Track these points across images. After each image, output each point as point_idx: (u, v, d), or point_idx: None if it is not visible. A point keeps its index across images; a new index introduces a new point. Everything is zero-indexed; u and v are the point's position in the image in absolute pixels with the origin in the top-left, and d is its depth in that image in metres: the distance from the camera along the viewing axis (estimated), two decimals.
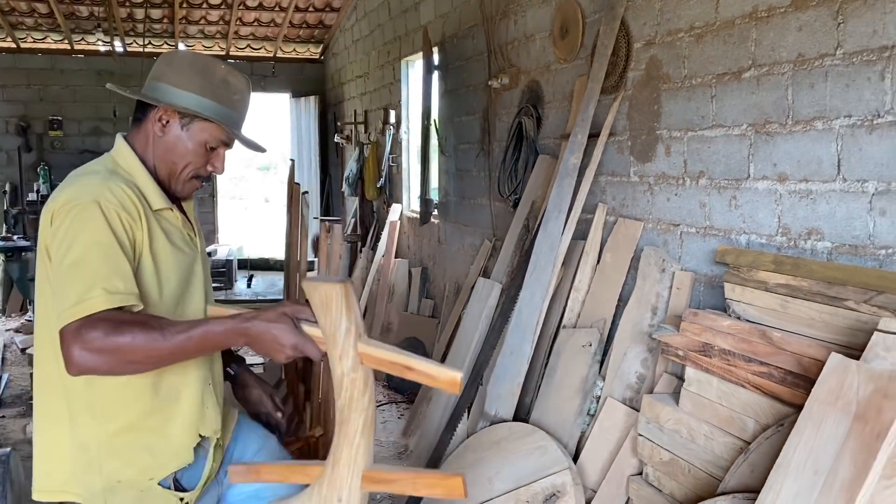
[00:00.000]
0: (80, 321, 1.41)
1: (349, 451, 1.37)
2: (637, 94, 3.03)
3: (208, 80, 1.72)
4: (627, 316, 2.91)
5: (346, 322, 1.31)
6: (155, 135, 1.71)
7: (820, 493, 1.57)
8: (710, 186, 2.65)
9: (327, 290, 1.30)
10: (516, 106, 4.09)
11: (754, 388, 2.10)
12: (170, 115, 1.70)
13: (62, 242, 1.51)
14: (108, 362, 1.43)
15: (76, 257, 1.48)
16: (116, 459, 1.62)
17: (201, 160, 1.75)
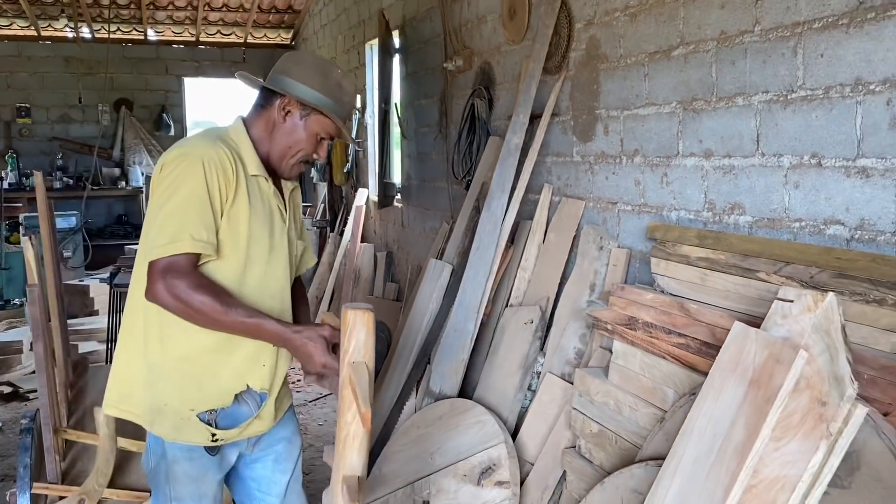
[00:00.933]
0: (168, 259, 1.72)
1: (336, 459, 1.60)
2: (578, 75, 3.06)
3: (327, 80, 1.96)
4: (568, 293, 2.95)
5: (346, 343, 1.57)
6: (276, 121, 1.94)
7: (716, 456, 1.62)
8: (644, 164, 2.68)
9: (346, 312, 1.58)
10: (470, 88, 4.11)
11: (674, 360, 2.14)
12: (293, 105, 1.93)
13: (167, 189, 1.77)
14: (177, 308, 1.74)
15: (176, 204, 1.75)
16: (168, 384, 1.85)
17: (311, 147, 1.98)
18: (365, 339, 1.56)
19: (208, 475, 1.93)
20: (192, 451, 1.88)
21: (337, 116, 1.96)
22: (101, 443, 2.60)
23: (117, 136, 9.50)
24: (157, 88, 9.85)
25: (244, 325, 1.78)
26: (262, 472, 2.08)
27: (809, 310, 1.59)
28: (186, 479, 1.90)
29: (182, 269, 1.74)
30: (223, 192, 1.81)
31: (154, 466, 1.93)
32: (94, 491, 2.51)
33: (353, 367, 1.55)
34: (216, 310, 1.74)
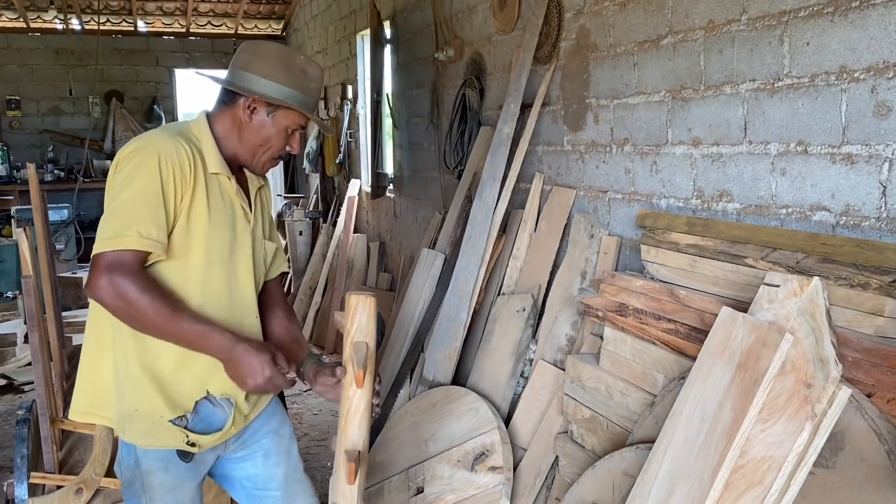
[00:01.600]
0: (114, 254, 1.62)
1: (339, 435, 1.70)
2: (569, 64, 3.08)
3: (291, 70, 1.87)
4: (559, 281, 2.98)
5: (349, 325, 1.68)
6: (242, 120, 1.87)
7: (704, 438, 1.65)
8: (634, 153, 2.71)
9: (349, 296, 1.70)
10: (461, 78, 4.13)
11: (663, 345, 2.17)
12: (258, 103, 1.85)
13: (120, 183, 1.69)
14: (118, 307, 1.65)
15: (125, 198, 1.67)
16: (136, 391, 1.78)
17: (282, 143, 1.92)
18: (366, 321, 1.67)
19: (185, 483, 1.86)
20: (166, 460, 1.81)
21: (305, 107, 1.88)
22: (97, 432, 2.62)
23: (108, 128, 9.47)
24: (148, 80, 9.83)
25: (191, 332, 1.69)
26: (254, 470, 2.02)
27: (795, 294, 1.62)
28: (162, 490, 1.83)
29: (128, 266, 1.63)
30: (178, 189, 1.72)
31: (128, 477, 1.86)
32: (92, 480, 2.53)
33: (353, 346, 1.66)
34: (162, 314, 1.65)
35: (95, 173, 9.17)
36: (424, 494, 2.69)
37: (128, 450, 1.84)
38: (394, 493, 2.83)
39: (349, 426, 1.66)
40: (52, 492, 2.60)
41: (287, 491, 2.04)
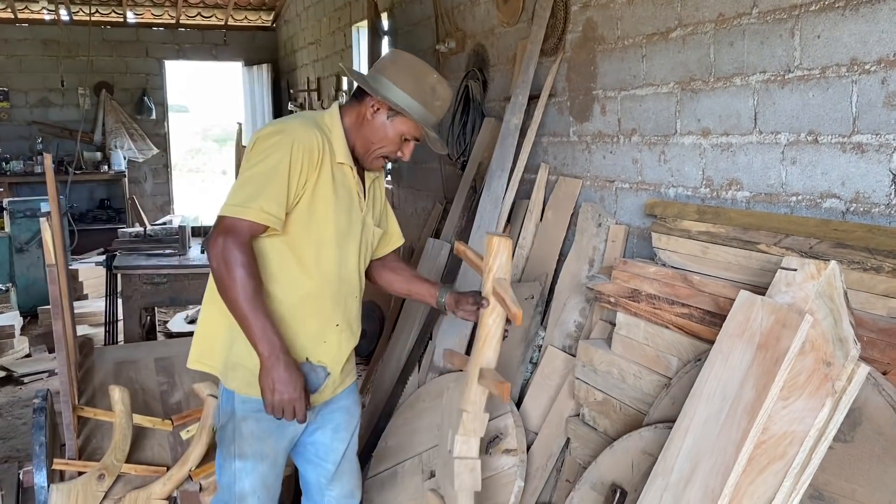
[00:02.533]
0: (233, 220, 1.84)
1: (475, 354, 2.09)
2: (575, 56, 3.13)
3: (420, 84, 2.04)
4: (567, 269, 3.04)
5: (491, 263, 2.02)
6: (365, 116, 2.05)
7: (727, 415, 1.72)
8: (642, 143, 2.78)
9: (495, 237, 2.02)
10: (463, 70, 4.18)
11: (677, 329, 2.24)
12: (381, 105, 2.03)
13: (254, 157, 1.90)
14: (217, 268, 1.85)
15: (256, 172, 1.88)
16: (243, 346, 1.94)
17: (394, 147, 2.08)
18: (506, 260, 2.02)
19: (272, 438, 2.04)
20: (259, 411, 1.97)
21: (423, 121, 2.05)
22: (117, 419, 2.65)
23: (98, 120, 9.42)
24: (138, 71, 9.78)
25: (255, 319, 1.84)
26: (321, 439, 2.20)
27: (813, 277, 1.69)
28: (251, 438, 2.02)
29: (241, 235, 1.84)
30: (304, 173, 1.92)
31: (224, 424, 2.06)
32: (113, 466, 2.57)
33: (497, 282, 1.98)
34: (245, 291, 1.83)
35: (86, 165, 9.13)
36: (438, 478, 2.75)
37: (227, 398, 2.04)
38: (407, 477, 2.88)
39: (486, 347, 2.04)
40: (72, 478, 2.63)
41: (340, 467, 2.23)
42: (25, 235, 6.86)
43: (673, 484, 1.77)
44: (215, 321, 2.04)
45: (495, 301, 2.00)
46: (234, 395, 2.03)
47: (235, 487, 2.04)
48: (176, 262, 4.15)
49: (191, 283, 4.06)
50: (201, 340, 2.09)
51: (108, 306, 4.56)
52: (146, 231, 4.81)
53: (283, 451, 2.09)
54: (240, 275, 1.82)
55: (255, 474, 2.03)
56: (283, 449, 2.09)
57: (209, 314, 2.06)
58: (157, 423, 2.77)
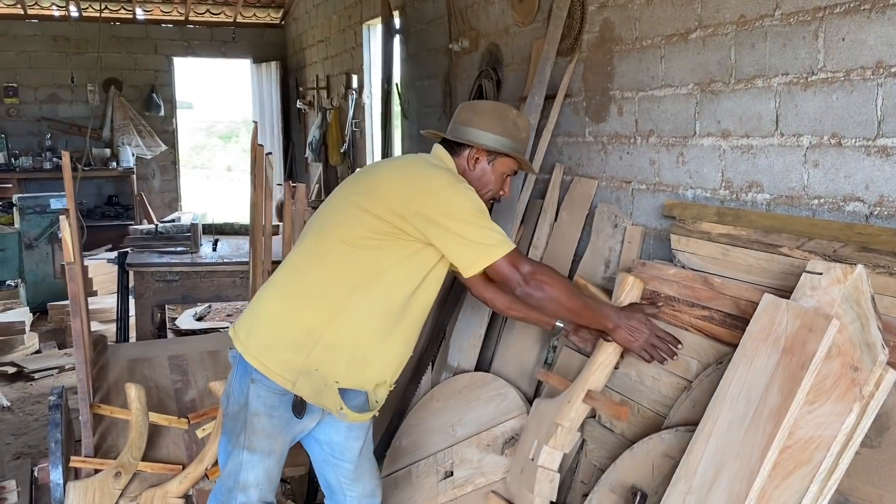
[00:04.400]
0: (505, 257, 2.00)
1: (586, 375, 2.36)
2: (591, 56, 3.13)
3: (505, 123, 2.23)
4: (583, 270, 3.03)
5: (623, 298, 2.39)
6: (466, 169, 2.22)
7: (751, 420, 1.72)
8: (660, 144, 2.77)
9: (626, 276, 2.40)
10: (476, 69, 4.17)
11: (697, 331, 2.24)
12: (480, 154, 2.22)
13: (457, 206, 2.02)
14: (542, 301, 2.04)
15: (473, 218, 2.02)
16: (325, 354, 2.03)
17: (498, 187, 2.28)
18: (636, 298, 2.37)
19: (281, 434, 2.10)
20: (272, 408, 2.05)
21: (519, 153, 2.25)
22: (133, 417, 2.66)
23: (107, 117, 9.42)
24: (147, 68, 9.78)
25: (587, 305, 2.15)
26: (336, 438, 2.24)
27: (839, 281, 1.68)
28: (263, 434, 2.07)
29: (520, 259, 2.03)
30: None
31: (234, 412, 2.10)
32: (130, 464, 2.58)
33: None
34: (567, 292, 2.08)
35: (94, 162, 9.14)
36: (454, 478, 2.75)
37: (241, 386, 2.08)
38: (422, 476, 2.88)
39: (600, 372, 2.33)
40: (89, 475, 2.64)
41: (358, 465, 2.27)
42: (35, 231, 6.88)
43: (696, 488, 1.77)
44: (291, 323, 2.07)
45: None
46: (249, 388, 2.06)
47: (240, 476, 2.10)
48: (188, 259, 4.16)
49: (202, 281, 4.07)
50: (267, 335, 2.08)
51: (120, 304, 4.56)
52: (157, 228, 4.82)
53: (288, 445, 2.17)
54: (561, 282, 2.07)
55: (261, 468, 2.11)
56: (288, 443, 2.17)
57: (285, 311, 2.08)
58: (173, 422, 2.77)
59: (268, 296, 2.14)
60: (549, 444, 2.31)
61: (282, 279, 2.14)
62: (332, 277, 2.05)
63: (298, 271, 2.11)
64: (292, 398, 2.06)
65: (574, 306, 2.10)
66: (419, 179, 2.09)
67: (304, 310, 2.05)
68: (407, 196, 2.03)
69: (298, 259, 2.14)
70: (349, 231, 2.05)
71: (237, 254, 4.40)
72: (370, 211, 2.04)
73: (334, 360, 2.04)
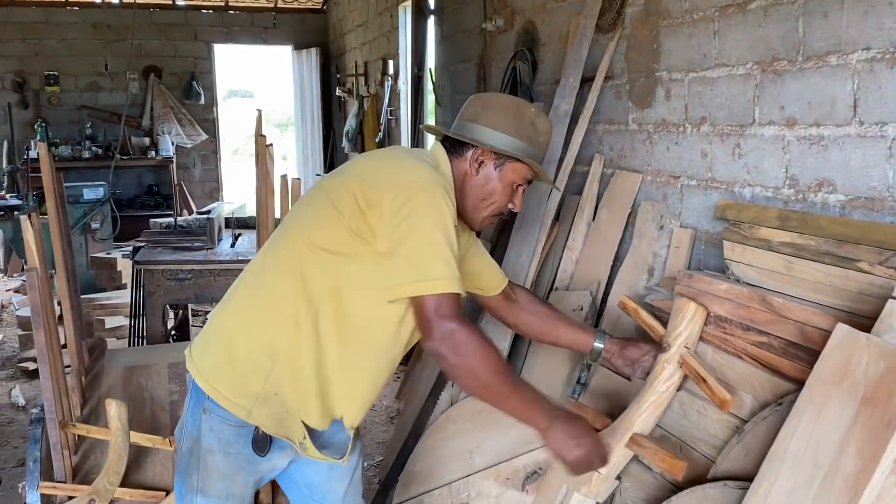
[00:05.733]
0: (437, 297, 1.57)
1: (632, 416, 1.95)
2: (635, 33, 2.75)
3: (521, 122, 1.83)
4: (622, 277, 2.67)
5: (683, 329, 1.95)
6: (468, 173, 1.82)
7: (820, 487, 1.35)
8: (713, 133, 2.38)
9: (686, 302, 1.95)
10: (511, 50, 3.82)
11: (752, 360, 1.87)
12: (486, 156, 1.82)
13: (411, 215, 1.59)
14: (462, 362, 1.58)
15: (429, 235, 1.59)
16: (288, 376, 1.70)
17: (506, 199, 1.87)
18: (698, 330, 1.94)
19: (241, 475, 1.79)
20: (229, 444, 1.74)
21: (534, 161, 1.83)
22: (112, 437, 2.40)
23: (146, 105, 9.32)
24: (187, 55, 9.63)
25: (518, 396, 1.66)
26: (316, 479, 1.92)
27: None
28: (217, 475, 1.77)
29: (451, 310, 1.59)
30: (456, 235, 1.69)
31: (188, 448, 1.81)
32: (106, 490, 2.32)
33: (686, 352, 1.90)
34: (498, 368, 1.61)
35: (133, 151, 9.05)
36: None
37: (193, 421, 1.78)
38: None
39: (649, 414, 1.93)
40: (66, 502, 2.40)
41: None
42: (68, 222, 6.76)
43: None
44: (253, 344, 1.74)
45: (676, 369, 1.91)
46: (202, 419, 1.75)
47: None
48: (202, 256, 3.90)
49: (217, 280, 3.81)
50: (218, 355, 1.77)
51: (134, 302, 4.31)
52: (177, 222, 4.59)
53: (252, 486, 1.84)
54: (486, 353, 1.59)
55: None
56: (252, 484, 1.84)
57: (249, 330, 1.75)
58: (157, 442, 2.50)
59: (225, 309, 1.80)
60: (580, 491, 1.95)
61: (242, 290, 1.80)
62: (298, 288, 1.69)
63: (260, 281, 1.77)
64: (252, 431, 1.74)
65: (496, 390, 1.63)
66: (391, 168, 1.72)
67: (264, 325, 1.72)
68: (372, 185, 1.66)
69: (261, 267, 1.80)
70: (317, 232, 1.70)
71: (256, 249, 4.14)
72: (338, 207, 1.68)
73: (296, 383, 1.71)
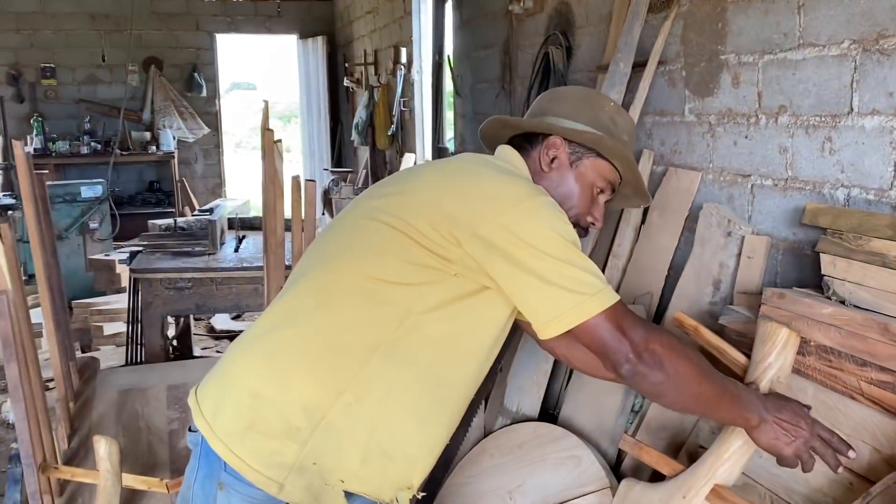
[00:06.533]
0: (608, 313, 1.32)
1: (714, 462, 1.62)
2: (695, 10, 2.40)
3: (599, 115, 1.57)
4: (681, 290, 2.33)
5: (773, 360, 1.63)
6: (540, 171, 1.55)
7: None
8: (795, 125, 2.04)
9: (776, 327, 1.65)
10: (542, 34, 3.48)
11: (870, 402, 1.53)
12: (559, 149, 1.54)
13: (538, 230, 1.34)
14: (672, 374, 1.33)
15: (559, 251, 1.33)
16: (331, 441, 1.37)
17: (585, 205, 1.56)
18: (791, 361, 1.63)
19: None
20: None
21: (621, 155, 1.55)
22: (101, 481, 2.09)
23: (147, 98, 8.98)
24: (188, 46, 9.28)
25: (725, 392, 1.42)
26: None
27: None
28: None
29: (630, 318, 1.35)
30: None
31: None
32: None
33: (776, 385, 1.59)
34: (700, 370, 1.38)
35: (133, 146, 8.72)
36: None
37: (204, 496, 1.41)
38: None
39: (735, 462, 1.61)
40: None
41: None
42: (65, 221, 6.49)
43: None
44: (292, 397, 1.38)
45: None
46: (217, 496, 1.39)
47: None
48: (202, 263, 3.57)
49: (219, 289, 3.48)
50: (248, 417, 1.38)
51: (130, 314, 3.93)
52: (177, 224, 4.26)
53: None
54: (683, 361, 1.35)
55: None
56: None
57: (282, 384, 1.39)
58: (153, 485, 2.19)
59: (246, 354, 1.45)
60: None
61: (268, 331, 1.45)
62: (342, 329, 1.37)
63: (292, 320, 1.42)
64: None
65: (708, 393, 1.39)
66: (481, 187, 1.40)
67: (300, 377, 1.38)
68: (462, 209, 1.36)
69: (293, 302, 1.45)
70: (370, 261, 1.39)
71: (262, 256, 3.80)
72: (403, 230, 1.37)
73: (341, 449, 1.38)
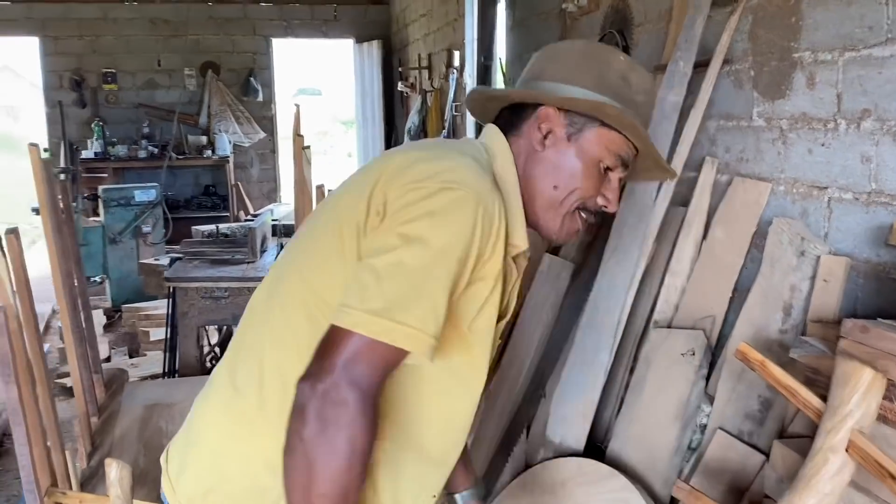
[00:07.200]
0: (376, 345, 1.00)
1: None
2: (765, 3, 2.17)
3: (606, 74, 1.24)
4: (746, 315, 2.09)
5: (854, 406, 1.43)
6: (531, 152, 1.24)
7: None
8: (881, 131, 1.79)
9: (858, 368, 1.44)
10: (597, 34, 3.26)
11: None
12: (553, 120, 1.22)
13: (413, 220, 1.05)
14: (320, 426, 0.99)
15: (419, 257, 1.03)
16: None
17: (592, 186, 1.23)
18: (875, 408, 1.43)
19: None
20: None
21: (630, 122, 1.20)
22: None
23: (203, 102, 9.01)
24: (245, 50, 9.28)
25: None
26: None
27: None
28: None
29: (374, 371, 1.02)
30: (473, 266, 1.08)
31: None
32: None
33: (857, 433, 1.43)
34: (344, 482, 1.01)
35: (189, 150, 8.76)
36: None
37: None
38: None
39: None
40: None
41: None
42: (119, 225, 6.54)
43: None
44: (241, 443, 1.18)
45: (847, 460, 1.42)
46: None
47: None
48: (240, 272, 3.45)
49: None
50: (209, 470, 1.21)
51: (169, 324, 3.82)
52: (219, 230, 4.17)
53: None
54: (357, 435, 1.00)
55: None
56: None
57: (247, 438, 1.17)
58: None
59: (208, 402, 1.24)
60: None
61: (228, 373, 1.22)
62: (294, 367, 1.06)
63: (252, 358, 1.18)
64: None
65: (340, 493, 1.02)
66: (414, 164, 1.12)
67: (264, 429, 1.14)
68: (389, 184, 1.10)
69: (251, 335, 1.21)
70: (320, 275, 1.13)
71: None
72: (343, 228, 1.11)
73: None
